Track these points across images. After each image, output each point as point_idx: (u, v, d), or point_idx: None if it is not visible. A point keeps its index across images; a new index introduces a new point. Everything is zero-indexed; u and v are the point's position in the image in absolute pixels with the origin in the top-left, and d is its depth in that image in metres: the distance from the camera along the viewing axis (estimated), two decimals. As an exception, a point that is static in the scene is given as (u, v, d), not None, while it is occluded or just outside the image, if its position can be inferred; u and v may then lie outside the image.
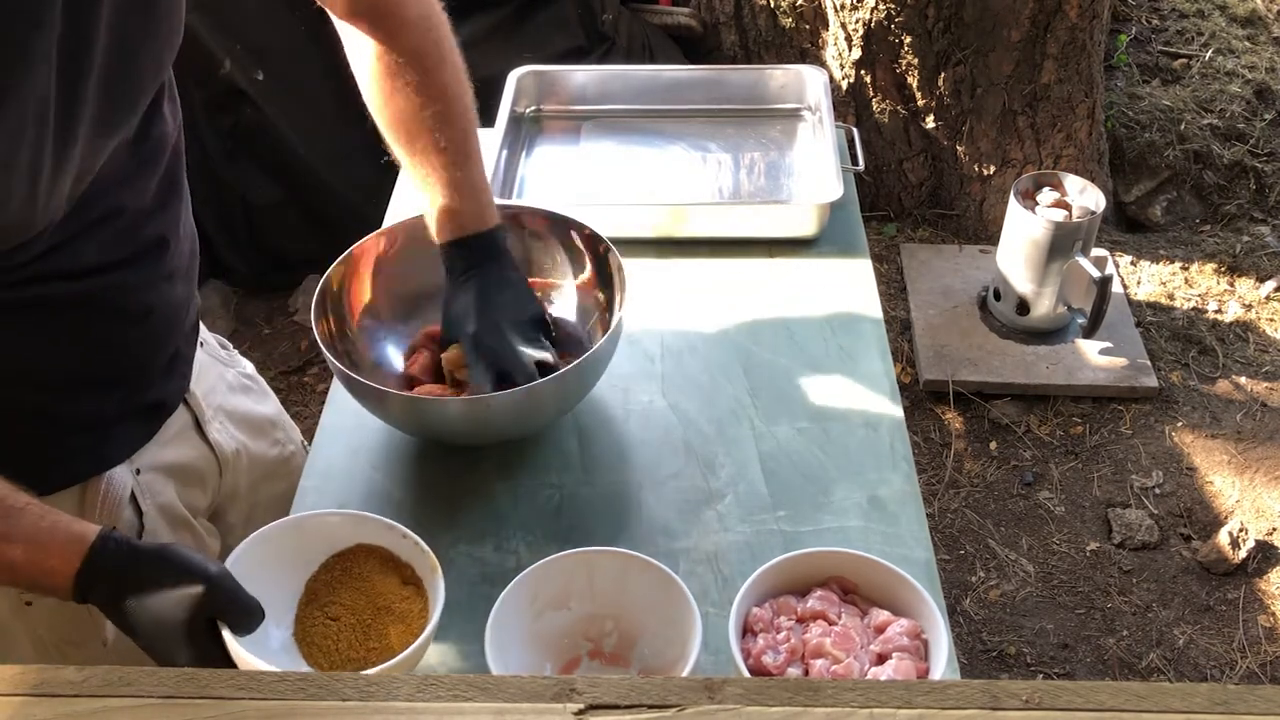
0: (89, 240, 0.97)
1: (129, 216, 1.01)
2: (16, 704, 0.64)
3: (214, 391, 1.23)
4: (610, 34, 3.00)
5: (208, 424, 1.21)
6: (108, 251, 1.00)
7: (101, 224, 0.98)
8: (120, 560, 0.88)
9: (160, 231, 1.06)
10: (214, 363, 1.26)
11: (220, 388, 1.25)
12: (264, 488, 1.31)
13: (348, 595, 1.00)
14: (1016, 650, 2.15)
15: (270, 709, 0.64)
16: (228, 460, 1.23)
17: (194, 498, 1.20)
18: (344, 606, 0.99)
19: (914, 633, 0.95)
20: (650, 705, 0.63)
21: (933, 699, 0.64)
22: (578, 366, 1.13)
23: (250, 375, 1.35)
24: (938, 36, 2.83)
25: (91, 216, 0.96)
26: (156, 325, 1.08)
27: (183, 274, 1.11)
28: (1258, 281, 2.88)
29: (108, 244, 0.99)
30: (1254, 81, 3.30)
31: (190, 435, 1.19)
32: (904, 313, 2.79)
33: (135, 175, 1.01)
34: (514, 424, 1.20)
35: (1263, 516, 2.34)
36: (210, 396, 1.22)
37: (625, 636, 1.02)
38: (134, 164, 1.00)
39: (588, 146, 1.73)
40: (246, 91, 2.63)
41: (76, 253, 0.97)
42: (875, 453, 1.23)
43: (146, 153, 1.02)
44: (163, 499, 1.15)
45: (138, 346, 1.08)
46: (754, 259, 1.51)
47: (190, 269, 1.14)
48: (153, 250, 1.05)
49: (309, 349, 2.75)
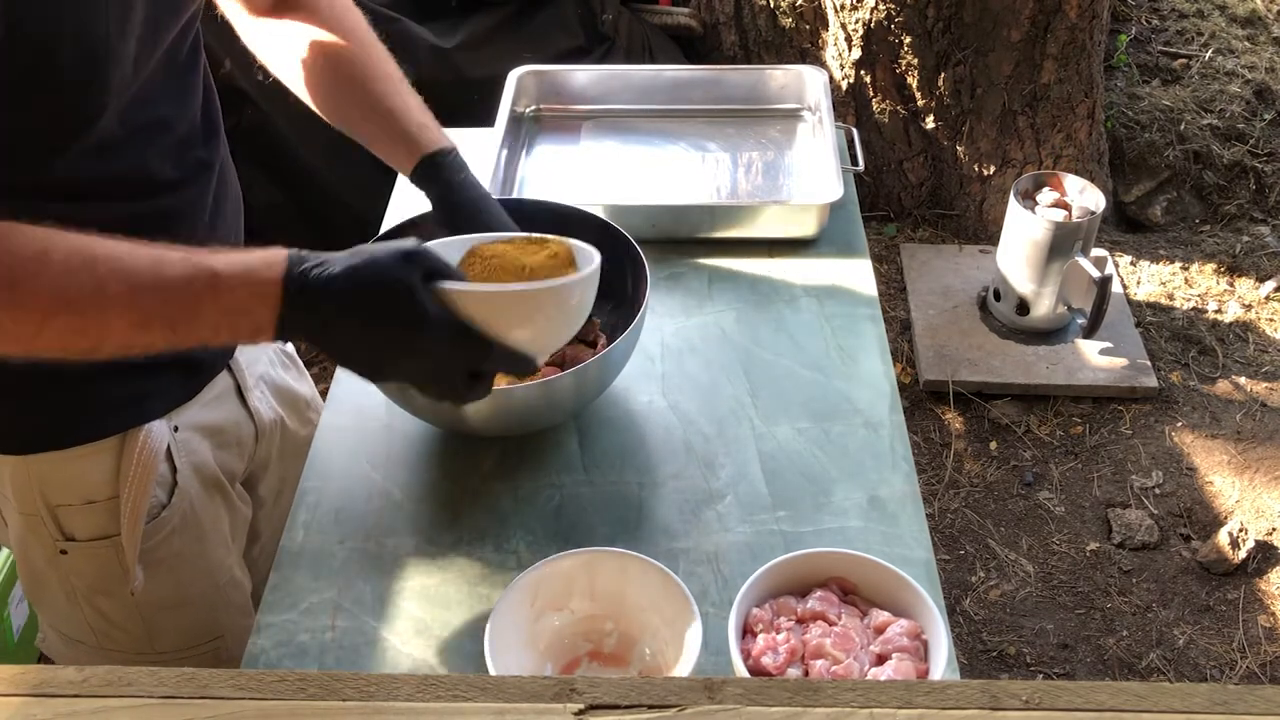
0: (140, 149, 0.99)
1: (177, 134, 1.04)
2: (16, 704, 0.64)
3: (257, 361, 1.27)
4: (610, 34, 3.00)
5: (249, 391, 1.24)
6: (155, 165, 1.02)
7: (151, 133, 1.00)
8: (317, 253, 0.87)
9: (206, 159, 1.09)
10: None
11: (263, 359, 1.29)
12: (292, 465, 1.32)
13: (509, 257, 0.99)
14: (1016, 650, 2.15)
15: (270, 709, 0.64)
16: (265, 428, 1.27)
17: (230, 461, 1.23)
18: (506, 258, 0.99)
19: (914, 633, 0.95)
20: (650, 705, 0.63)
21: (933, 699, 0.64)
22: (599, 359, 1.13)
23: (290, 354, 1.39)
24: (938, 36, 2.83)
25: (141, 122, 0.98)
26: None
27: (225, 222, 1.13)
28: (1258, 281, 2.88)
29: (157, 158, 1.02)
30: (1254, 81, 3.30)
31: (231, 399, 1.22)
32: (904, 313, 2.79)
33: (178, 93, 1.04)
34: (533, 417, 1.20)
35: (1263, 516, 2.34)
36: (254, 366, 1.26)
37: (625, 637, 1.02)
38: (176, 82, 1.03)
39: (588, 146, 1.73)
40: (246, 91, 2.63)
41: (129, 161, 0.99)
42: (875, 453, 1.23)
43: (187, 73, 1.05)
44: (198, 458, 1.17)
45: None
46: (754, 259, 1.51)
47: (233, 223, 1.17)
48: (197, 176, 1.08)
49: (309, 349, 2.74)
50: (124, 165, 0.99)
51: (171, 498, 1.15)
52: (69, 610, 1.19)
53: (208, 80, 1.12)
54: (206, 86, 1.11)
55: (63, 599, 1.18)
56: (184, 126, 1.06)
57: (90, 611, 1.19)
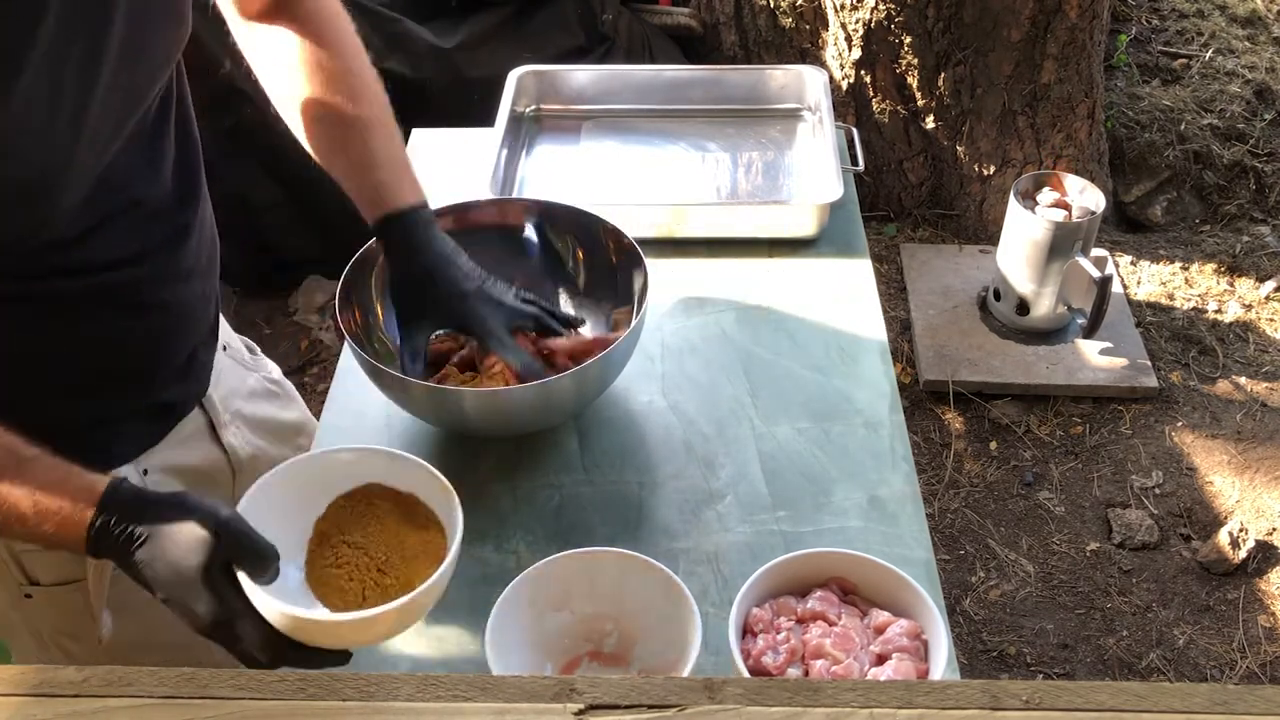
0: (106, 233, 0.97)
1: (147, 208, 1.00)
2: (16, 704, 0.64)
3: (233, 396, 1.23)
4: (610, 34, 3.00)
5: (223, 428, 1.20)
6: (125, 245, 0.99)
7: (119, 217, 0.98)
8: (133, 506, 0.87)
9: (179, 224, 1.05)
10: (236, 367, 1.25)
11: (241, 392, 1.25)
12: None
13: (359, 533, 0.97)
14: (1016, 650, 2.15)
15: (270, 709, 0.64)
16: (242, 465, 1.22)
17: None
18: (354, 545, 0.97)
19: (914, 633, 0.95)
20: (650, 705, 0.63)
21: (933, 699, 0.64)
22: (600, 360, 1.13)
23: (276, 380, 1.34)
24: (938, 36, 2.83)
25: (109, 209, 0.96)
26: (171, 323, 1.08)
27: (201, 271, 1.10)
28: (1258, 281, 2.88)
29: (125, 237, 0.99)
30: (1254, 81, 3.30)
31: (204, 438, 1.18)
32: (904, 313, 2.79)
33: (146, 164, 1.00)
34: (533, 417, 1.20)
35: (1263, 516, 2.34)
36: (229, 401, 1.21)
37: (625, 637, 1.02)
38: (142, 156, 1.00)
39: (588, 146, 1.73)
40: (246, 91, 2.62)
41: (93, 246, 0.96)
42: (875, 453, 1.23)
43: (155, 139, 1.01)
44: None
45: (150, 344, 1.07)
46: (754, 259, 1.51)
47: (209, 268, 1.13)
48: (170, 244, 1.04)
49: (309, 349, 2.75)
50: (82, 251, 0.96)
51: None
52: (38, 651, 1.17)
53: (185, 126, 1.06)
54: (183, 135, 1.06)
55: (30, 640, 1.16)
56: (154, 198, 1.02)
57: (59, 654, 1.16)
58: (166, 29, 0.96)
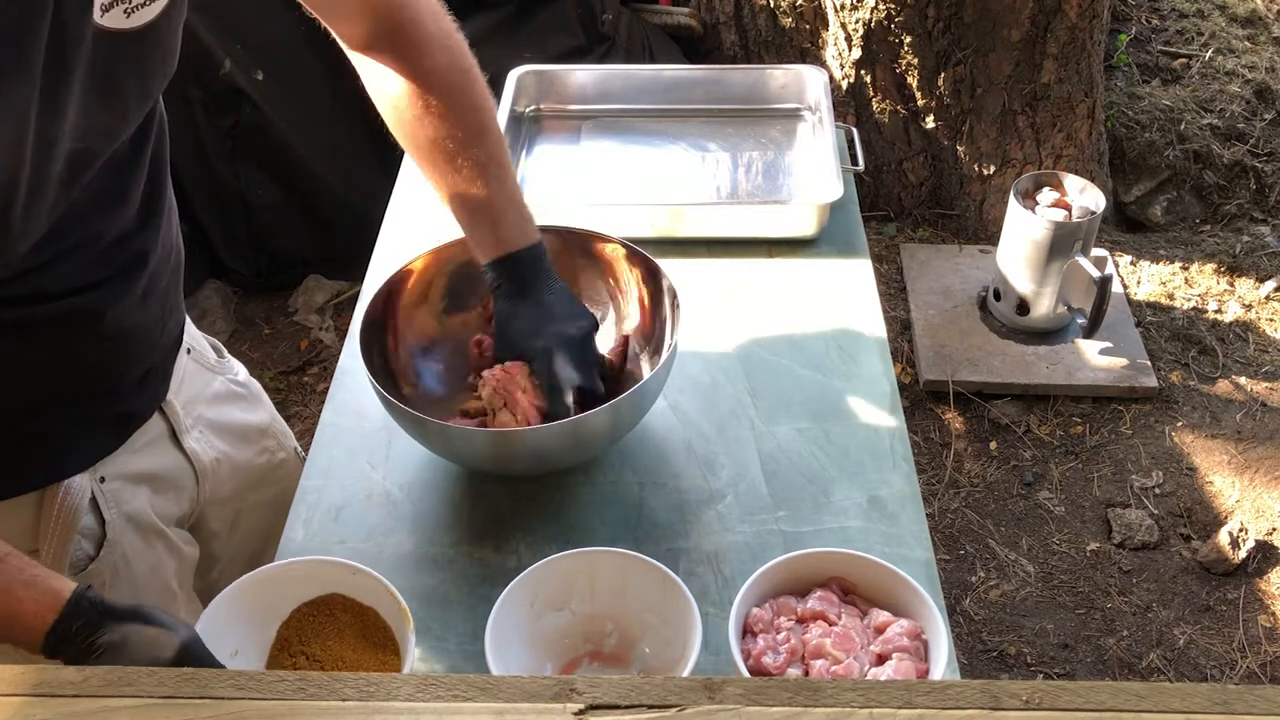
0: (63, 265, 0.94)
1: (108, 239, 0.98)
2: (16, 704, 0.64)
3: (196, 401, 1.20)
4: (610, 34, 3.00)
5: (185, 433, 1.18)
6: (83, 275, 0.97)
7: (78, 249, 0.95)
8: (92, 620, 0.86)
9: (138, 249, 1.02)
10: (200, 370, 1.23)
11: (204, 396, 1.22)
12: (251, 495, 1.29)
13: (316, 645, 0.99)
14: (1016, 650, 2.15)
15: (270, 709, 0.64)
16: (205, 470, 1.21)
17: (167, 506, 1.17)
18: (313, 659, 0.98)
19: (914, 633, 0.95)
20: (650, 705, 0.63)
21: (933, 699, 0.64)
22: (629, 396, 1.10)
23: (242, 382, 1.31)
24: (938, 36, 2.83)
25: (69, 242, 0.94)
26: (128, 345, 1.05)
27: (159, 293, 1.07)
28: (1258, 281, 2.88)
29: (83, 268, 0.96)
30: (1254, 81, 3.30)
31: (164, 444, 1.16)
32: (904, 313, 2.79)
33: (120, 197, 0.98)
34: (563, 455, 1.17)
35: (1263, 516, 2.34)
36: (191, 406, 1.19)
37: (625, 637, 1.02)
38: (121, 185, 0.98)
39: (588, 146, 1.73)
40: (246, 91, 2.62)
41: (50, 277, 0.94)
42: (875, 453, 1.23)
43: (128, 171, 0.99)
44: (131, 507, 1.12)
45: (106, 366, 1.05)
46: (754, 259, 1.51)
47: (170, 286, 1.11)
48: (129, 270, 1.02)
49: (309, 349, 2.75)
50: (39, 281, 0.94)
51: (100, 550, 1.10)
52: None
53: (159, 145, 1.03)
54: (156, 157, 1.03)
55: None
56: (118, 228, 0.99)
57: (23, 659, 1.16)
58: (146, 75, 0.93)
